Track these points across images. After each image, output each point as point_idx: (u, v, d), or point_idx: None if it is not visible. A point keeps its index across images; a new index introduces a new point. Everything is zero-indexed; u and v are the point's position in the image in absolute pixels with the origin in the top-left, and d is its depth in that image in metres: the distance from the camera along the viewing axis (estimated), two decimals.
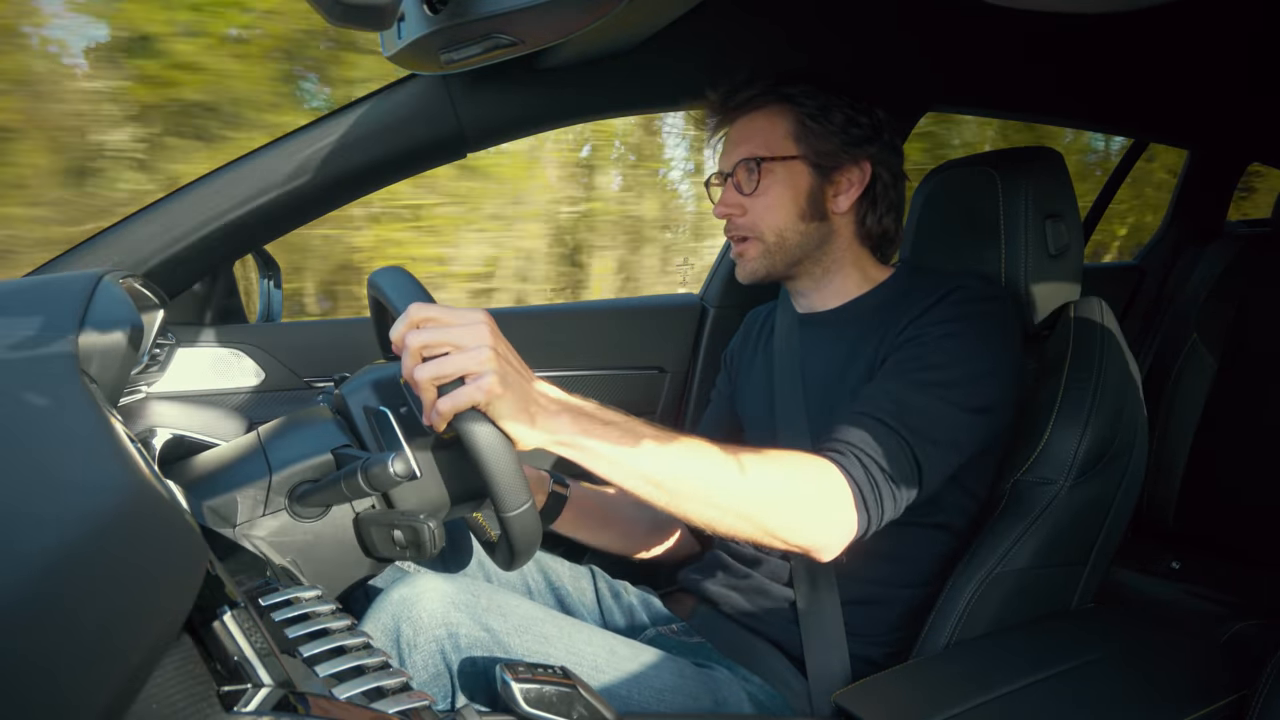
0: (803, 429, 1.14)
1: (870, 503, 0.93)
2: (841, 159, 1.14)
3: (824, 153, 1.13)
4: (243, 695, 0.50)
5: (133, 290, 0.95)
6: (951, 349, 1.01)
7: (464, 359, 0.78)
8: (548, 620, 0.97)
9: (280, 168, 1.26)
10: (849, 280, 1.19)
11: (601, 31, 1.05)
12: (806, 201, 1.14)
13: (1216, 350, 2.07)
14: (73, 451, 0.45)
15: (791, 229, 1.14)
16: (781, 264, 1.16)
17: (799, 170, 1.14)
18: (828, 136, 1.13)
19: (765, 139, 1.14)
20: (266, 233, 1.35)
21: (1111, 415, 1.11)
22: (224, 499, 0.87)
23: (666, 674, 1.00)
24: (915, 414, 0.97)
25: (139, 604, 0.33)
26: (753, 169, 1.13)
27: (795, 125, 1.14)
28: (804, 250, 1.16)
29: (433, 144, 1.30)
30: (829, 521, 0.92)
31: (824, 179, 1.14)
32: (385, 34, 1.11)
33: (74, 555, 0.31)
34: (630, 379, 1.64)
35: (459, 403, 0.78)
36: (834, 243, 1.17)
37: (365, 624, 0.91)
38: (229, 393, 1.41)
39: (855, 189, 1.15)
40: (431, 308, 0.81)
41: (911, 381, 1.00)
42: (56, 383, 0.62)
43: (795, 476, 0.91)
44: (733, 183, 1.16)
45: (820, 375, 1.17)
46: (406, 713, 0.55)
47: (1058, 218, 1.18)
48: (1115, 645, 1.02)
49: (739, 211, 1.15)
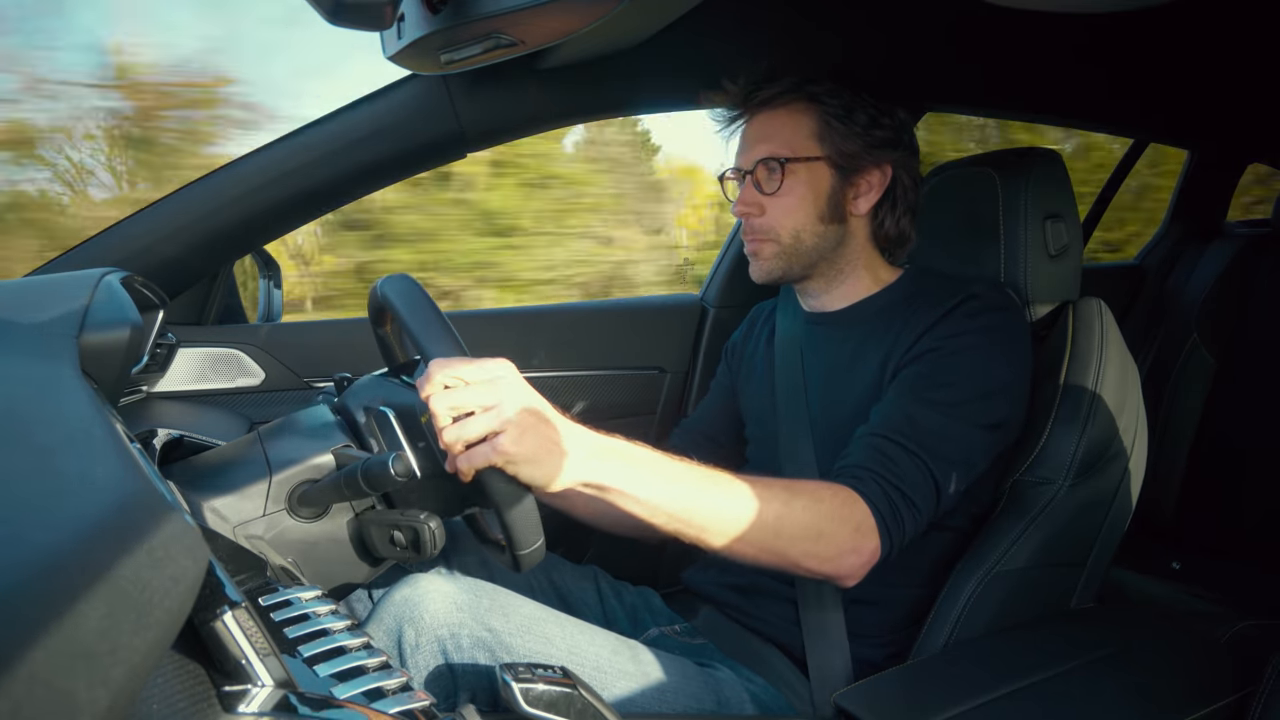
0: (804, 427, 1.14)
1: (892, 528, 0.94)
2: (864, 161, 1.12)
3: (847, 154, 1.12)
4: (243, 695, 0.50)
5: (133, 290, 0.95)
6: (966, 366, 1.02)
7: (485, 420, 0.78)
8: (550, 620, 0.97)
9: (280, 167, 1.26)
10: (859, 282, 1.18)
11: (601, 31, 1.05)
12: (827, 203, 1.12)
13: (1216, 350, 2.07)
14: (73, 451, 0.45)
15: (809, 230, 1.13)
16: (798, 265, 1.15)
17: (821, 171, 1.12)
18: (851, 138, 1.11)
19: (788, 138, 1.12)
20: (267, 232, 1.35)
21: (1110, 415, 1.11)
22: (224, 499, 0.87)
23: (669, 674, 1.00)
24: (932, 435, 0.97)
25: (139, 604, 0.33)
26: (774, 168, 1.11)
27: (819, 125, 1.11)
28: (820, 252, 1.14)
29: (433, 144, 1.30)
30: (853, 550, 0.93)
31: (845, 181, 1.13)
32: (385, 34, 1.11)
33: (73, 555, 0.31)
34: (630, 379, 1.64)
35: (475, 462, 0.79)
36: (849, 245, 1.16)
37: (368, 626, 0.91)
38: (229, 393, 1.41)
39: (875, 192, 1.14)
40: (453, 364, 0.80)
41: (927, 401, 1.00)
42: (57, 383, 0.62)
43: (820, 509, 0.92)
44: (752, 181, 1.13)
45: (823, 374, 1.16)
46: (406, 713, 0.55)
47: (1057, 218, 1.18)
48: (1115, 645, 1.02)
49: (757, 211, 1.13)
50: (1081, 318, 1.17)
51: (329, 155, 1.27)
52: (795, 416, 1.16)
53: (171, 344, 1.34)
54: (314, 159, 1.26)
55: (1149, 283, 2.23)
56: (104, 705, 0.28)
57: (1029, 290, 1.17)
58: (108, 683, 0.29)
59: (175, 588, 0.37)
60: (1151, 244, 2.35)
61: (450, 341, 0.86)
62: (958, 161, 1.29)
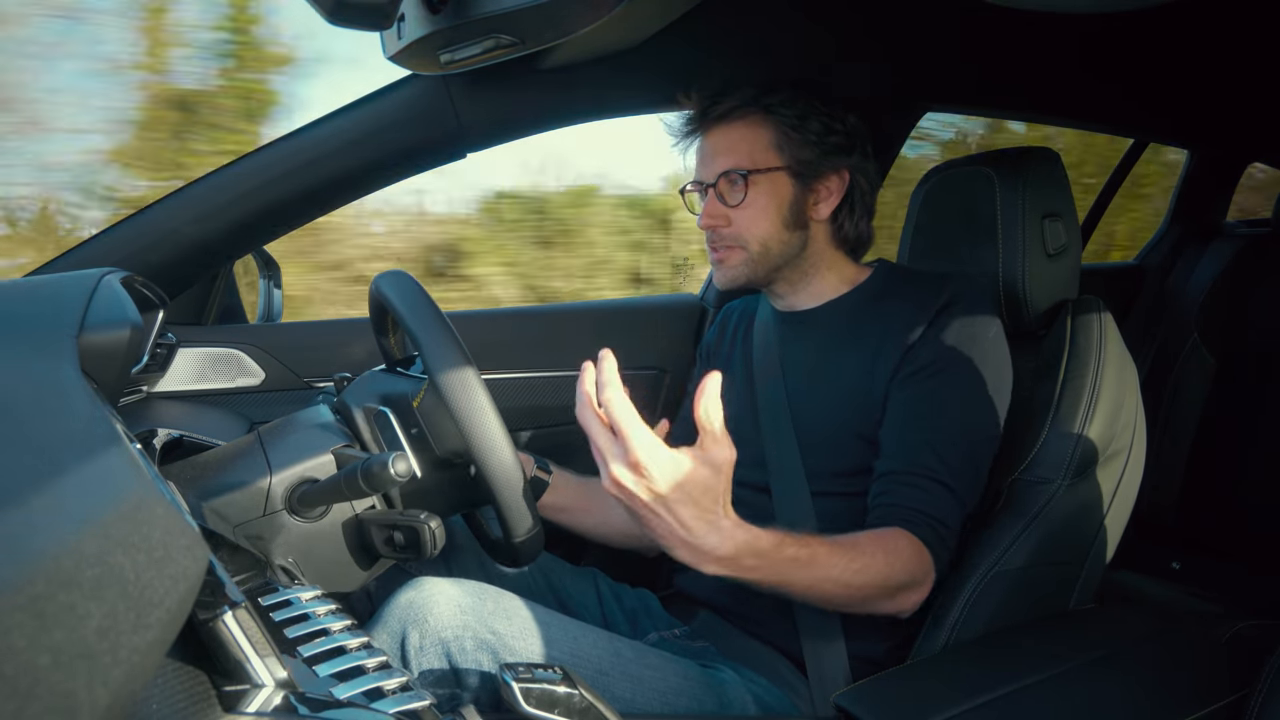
0: (786, 424, 1.16)
1: (941, 555, 1.02)
2: (821, 168, 1.16)
3: (804, 161, 1.16)
4: (243, 695, 0.50)
5: (133, 290, 0.95)
6: (964, 378, 1.07)
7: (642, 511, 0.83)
8: (553, 623, 0.97)
9: (280, 167, 1.26)
10: (826, 282, 1.22)
11: (601, 31, 1.05)
12: (789, 211, 1.16)
13: (1216, 350, 2.07)
14: (73, 451, 0.45)
15: (775, 238, 1.16)
16: (763, 271, 1.19)
17: (781, 181, 1.16)
18: (807, 146, 1.15)
19: (748, 150, 1.15)
20: (267, 232, 1.35)
21: (1109, 415, 1.11)
22: (224, 499, 0.87)
23: (671, 676, 1.00)
24: (951, 460, 1.04)
25: (139, 604, 0.33)
26: (737, 181, 1.15)
27: (777, 135, 1.15)
28: (785, 258, 1.18)
29: (433, 144, 1.30)
30: (920, 588, 1.01)
31: (805, 188, 1.17)
32: (385, 34, 1.11)
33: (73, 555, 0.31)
34: (630, 379, 1.62)
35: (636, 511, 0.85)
36: (811, 248, 1.20)
37: (372, 629, 0.91)
38: (229, 393, 1.41)
39: (835, 197, 1.18)
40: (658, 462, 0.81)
41: (940, 427, 1.05)
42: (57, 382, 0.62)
43: (892, 564, 0.97)
44: (715, 194, 1.17)
45: (800, 371, 1.19)
46: (406, 713, 0.55)
47: (1055, 217, 1.18)
48: (1115, 645, 1.02)
49: (724, 223, 1.17)
50: (1080, 317, 1.17)
51: (329, 155, 1.26)
52: (776, 414, 1.18)
53: (171, 344, 1.34)
54: (314, 159, 1.26)
55: (1149, 283, 2.23)
56: (104, 705, 0.29)
57: (1027, 289, 1.17)
58: (108, 683, 0.29)
59: (175, 588, 0.37)
60: (1151, 244, 2.35)
61: (449, 338, 0.86)
62: (955, 161, 1.30)
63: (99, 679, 0.29)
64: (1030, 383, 1.17)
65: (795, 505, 1.12)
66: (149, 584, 0.34)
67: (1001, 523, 1.09)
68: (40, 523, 0.32)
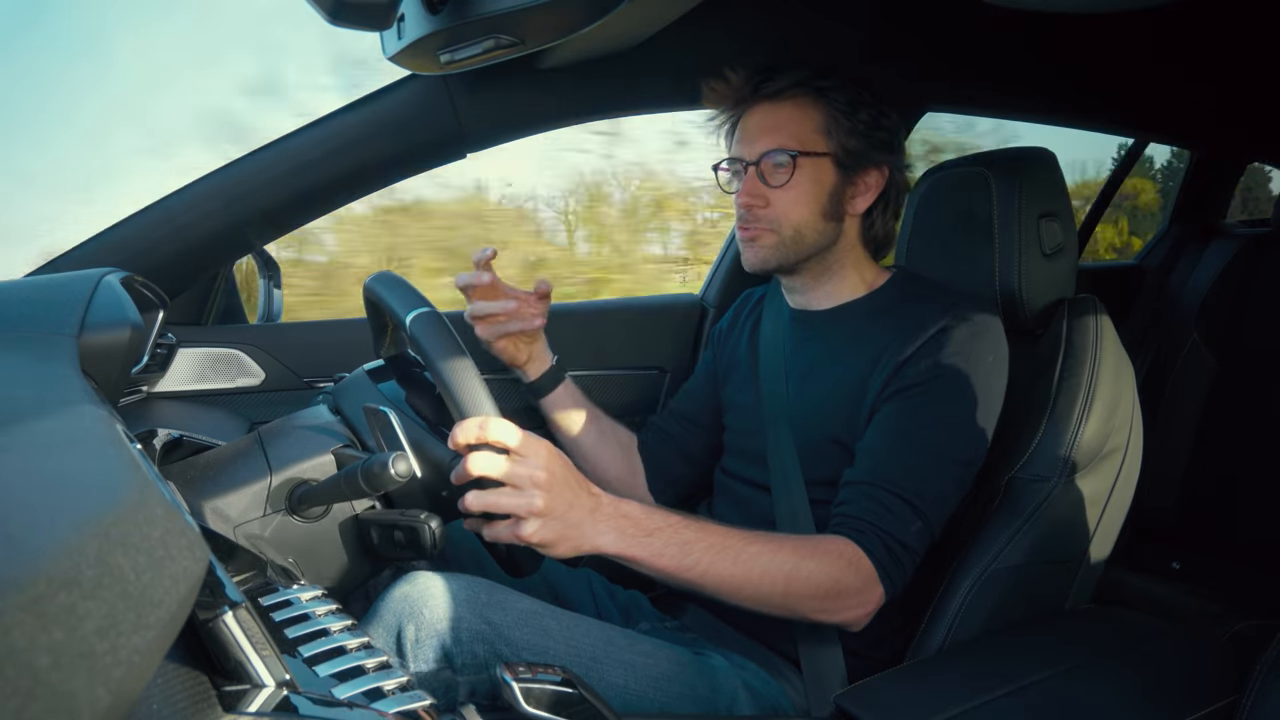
0: (785, 425, 1.15)
1: (894, 575, 0.99)
2: (865, 160, 1.14)
3: (851, 151, 1.13)
4: (243, 695, 0.50)
5: (133, 290, 0.95)
6: (949, 400, 1.04)
7: (513, 502, 0.82)
8: (547, 614, 0.97)
9: (280, 167, 1.26)
10: (845, 282, 1.20)
11: (601, 31, 1.05)
12: (828, 199, 1.14)
13: (1216, 350, 2.07)
14: (73, 451, 0.45)
15: (810, 226, 1.14)
16: (792, 258, 1.16)
17: (825, 168, 1.13)
18: (855, 135, 1.13)
19: (796, 131, 1.12)
20: (267, 232, 1.35)
21: (1105, 413, 1.11)
22: (224, 499, 0.87)
23: (663, 662, 1.01)
24: (920, 478, 1.01)
25: (139, 604, 0.33)
26: (783, 162, 1.12)
27: (826, 120, 1.12)
28: (816, 247, 1.16)
29: (433, 144, 1.31)
30: (860, 604, 0.98)
31: (846, 179, 1.14)
32: (385, 34, 1.11)
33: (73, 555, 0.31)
34: (630, 379, 1.64)
35: (497, 535, 0.85)
36: (841, 243, 1.18)
37: (368, 623, 0.91)
38: (229, 393, 1.41)
39: (872, 193, 1.16)
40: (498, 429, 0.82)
41: (914, 444, 1.03)
42: (57, 383, 0.62)
43: (828, 569, 0.95)
44: (756, 173, 1.14)
45: (805, 371, 1.18)
46: (406, 713, 0.55)
47: (1052, 217, 1.18)
48: (1115, 645, 1.02)
49: (762, 203, 1.14)
50: (1076, 315, 1.17)
51: (329, 155, 1.27)
52: (777, 414, 1.17)
53: (171, 344, 1.34)
54: (314, 159, 1.26)
55: (1149, 283, 2.23)
56: (104, 705, 0.29)
57: (1024, 289, 1.17)
58: (108, 683, 0.29)
59: (175, 588, 0.37)
60: (1151, 244, 2.35)
61: (447, 336, 0.86)
62: (952, 161, 1.30)
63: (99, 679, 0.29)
64: (1026, 381, 1.17)
65: (793, 505, 1.12)
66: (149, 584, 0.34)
67: (998, 521, 1.09)
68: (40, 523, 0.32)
